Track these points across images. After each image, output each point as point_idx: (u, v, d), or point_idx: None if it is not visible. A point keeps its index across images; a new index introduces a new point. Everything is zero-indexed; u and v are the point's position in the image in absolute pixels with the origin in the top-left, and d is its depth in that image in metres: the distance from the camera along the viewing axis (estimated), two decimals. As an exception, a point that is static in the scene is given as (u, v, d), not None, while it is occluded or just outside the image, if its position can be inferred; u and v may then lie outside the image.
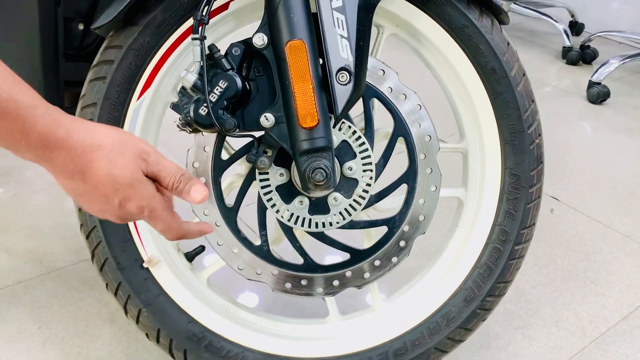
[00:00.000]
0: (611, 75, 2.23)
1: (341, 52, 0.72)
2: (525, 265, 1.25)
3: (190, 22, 0.80)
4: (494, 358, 1.02)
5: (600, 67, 2.14)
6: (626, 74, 2.41)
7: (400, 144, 0.82)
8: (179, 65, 0.83)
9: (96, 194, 0.61)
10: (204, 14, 0.71)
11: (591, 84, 2.11)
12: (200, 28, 0.71)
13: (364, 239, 0.88)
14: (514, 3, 2.66)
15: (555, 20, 2.55)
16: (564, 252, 1.30)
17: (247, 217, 0.87)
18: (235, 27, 0.85)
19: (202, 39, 0.72)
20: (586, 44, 2.50)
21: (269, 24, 0.72)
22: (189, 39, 0.80)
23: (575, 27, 2.85)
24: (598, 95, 2.08)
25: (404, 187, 0.83)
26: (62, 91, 0.96)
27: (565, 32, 2.51)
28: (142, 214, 0.64)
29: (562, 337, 1.07)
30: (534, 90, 0.85)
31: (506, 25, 0.86)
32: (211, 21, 0.80)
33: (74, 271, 1.15)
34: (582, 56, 2.48)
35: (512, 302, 1.15)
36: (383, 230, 0.84)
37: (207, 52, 0.73)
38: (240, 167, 0.85)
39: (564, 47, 2.51)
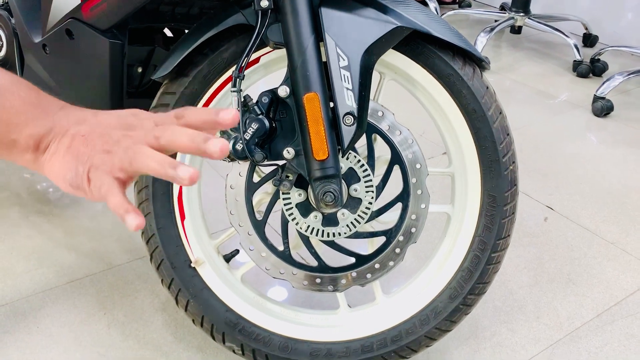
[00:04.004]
0: (620, 87, 2.37)
1: (347, 100, 0.92)
2: (515, 268, 1.43)
3: (229, 72, 1.01)
4: (479, 347, 1.21)
5: (605, 82, 2.28)
6: (634, 86, 2.54)
7: (397, 170, 1.02)
8: (221, 106, 1.03)
9: (108, 118, 0.61)
10: (240, 72, 0.92)
11: (596, 99, 2.25)
12: (237, 82, 0.92)
13: (368, 245, 1.08)
14: (528, 18, 2.81)
15: (566, 35, 2.68)
16: (551, 257, 1.47)
17: (275, 222, 1.07)
18: (265, 74, 1.05)
19: (239, 91, 0.92)
20: (596, 57, 2.63)
21: (291, 79, 0.92)
22: (228, 86, 1.01)
23: (589, 39, 2.98)
24: (602, 109, 2.23)
25: (399, 205, 1.03)
26: (125, 122, 1.18)
27: (576, 46, 2.64)
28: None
29: (541, 330, 1.25)
30: (543, 102, 1.04)
31: (487, 70, 1.05)
32: (246, 72, 1.00)
33: (130, 267, 1.38)
34: (592, 69, 2.62)
35: (501, 300, 1.33)
36: (382, 239, 1.03)
37: (243, 100, 0.93)
38: (268, 186, 1.05)
39: (575, 60, 2.64)
